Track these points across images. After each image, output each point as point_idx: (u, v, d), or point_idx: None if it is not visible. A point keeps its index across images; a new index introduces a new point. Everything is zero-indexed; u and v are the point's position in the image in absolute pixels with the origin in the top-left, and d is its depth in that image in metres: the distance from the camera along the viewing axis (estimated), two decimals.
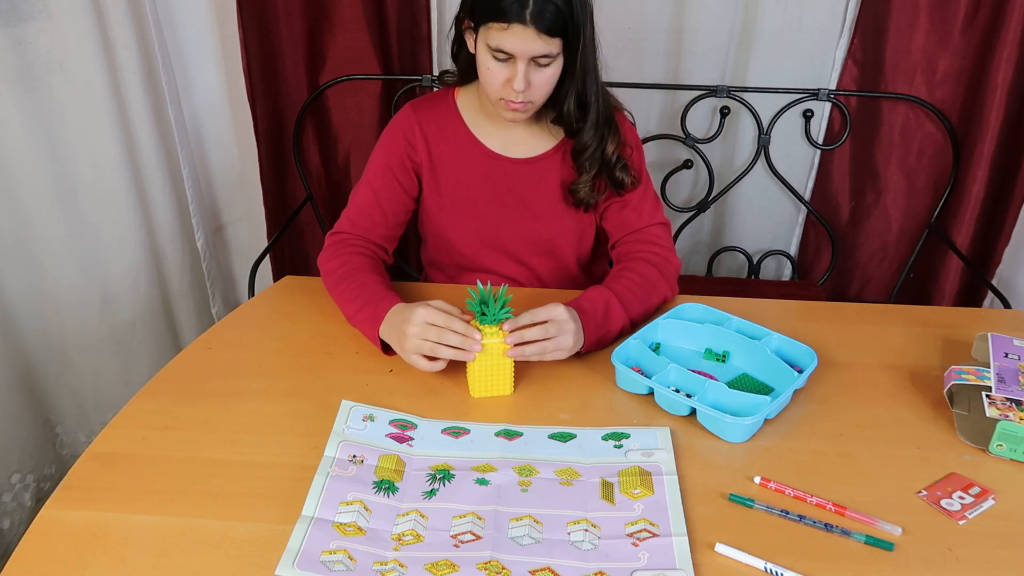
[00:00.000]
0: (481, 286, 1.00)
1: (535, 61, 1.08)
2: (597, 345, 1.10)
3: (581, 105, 1.17)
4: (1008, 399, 0.96)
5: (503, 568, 0.78)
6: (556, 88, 1.14)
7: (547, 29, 1.04)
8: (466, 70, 1.21)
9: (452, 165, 1.26)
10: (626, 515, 0.84)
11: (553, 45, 1.07)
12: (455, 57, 1.22)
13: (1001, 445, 0.92)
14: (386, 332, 1.07)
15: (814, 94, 1.81)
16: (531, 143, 1.25)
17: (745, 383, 1.07)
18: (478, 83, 1.17)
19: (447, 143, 1.25)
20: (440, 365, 1.03)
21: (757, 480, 0.89)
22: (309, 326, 1.18)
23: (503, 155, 1.25)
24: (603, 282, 1.18)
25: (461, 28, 1.16)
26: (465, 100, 1.26)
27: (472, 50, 1.14)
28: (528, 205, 1.27)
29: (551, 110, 1.20)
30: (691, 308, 1.17)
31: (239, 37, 1.69)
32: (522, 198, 1.26)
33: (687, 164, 1.91)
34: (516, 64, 1.08)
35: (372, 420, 0.98)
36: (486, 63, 1.11)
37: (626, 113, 1.27)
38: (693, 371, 1.05)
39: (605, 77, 1.18)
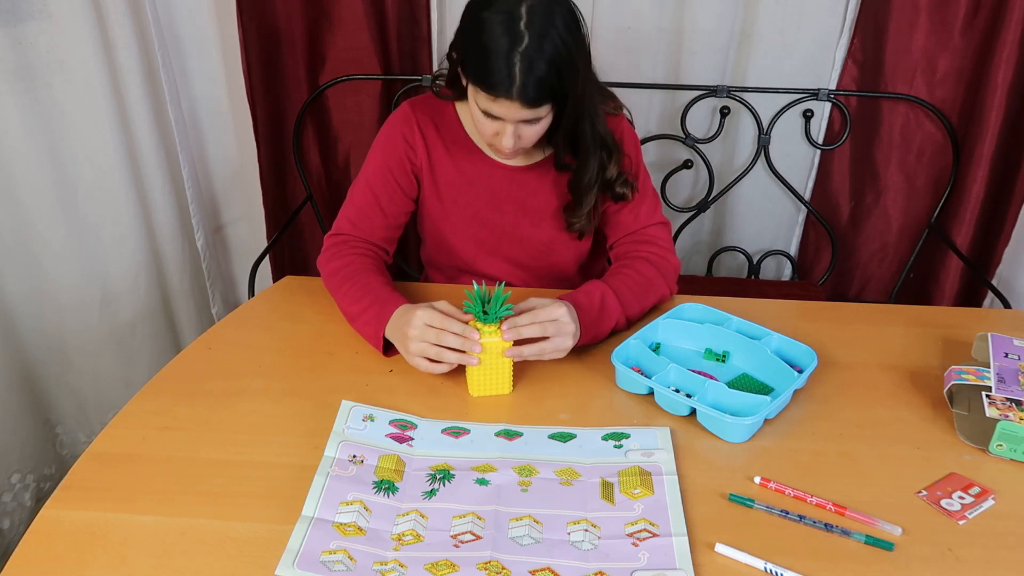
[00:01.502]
0: (477, 286, 1.00)
1: (524, 121, 1.08)
2: (590, 340, 1.10)
3: (575, 144, 1.16)
4: (1008, 399, 0.96)
5: (503, 568, 0.78)
6: (550, 128, 1.13)
7: (534, 101, 1.04)
8: (463, 92, 1.17)
9: (451, 169, 1.25)
10: (626, 515, 0.84)
11: (542, 110, 1.07)
12: (450, 85, 1.20)
13: (1001, 445, 0.92)
14: (391, 333, 1.07)
15: (814, 94, 1.81)
16: (529, 150, 1.24)
17: (745, 383, 1.07)
18: None
19: (446, 147, 1.24)
20: (444, 368, 1.03)
21: (757, 480, 0.89)
22: (309, 326, 1.18)
23: (502, 161, 1.25)
24: (602, 277, 1.18)
25: (454, 67, 1.14)
26: (464, 106, 1.25)
27: (464, 85, 1.12)
28: (527, 211, 1.27)
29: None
30: (691, 308, 1.17)
31: (239, 37, 1.69)
32: (521, 204, 1.26)
33: (687, 164, 1.91)
34: (505, 124, 1.08)
35: (372, 420, 0.98)
36: (476, 112, 1.10)
37: (625, 112, 1.27)
38: (693, 371, 1.05)
39: (604, 77, 1.18)
